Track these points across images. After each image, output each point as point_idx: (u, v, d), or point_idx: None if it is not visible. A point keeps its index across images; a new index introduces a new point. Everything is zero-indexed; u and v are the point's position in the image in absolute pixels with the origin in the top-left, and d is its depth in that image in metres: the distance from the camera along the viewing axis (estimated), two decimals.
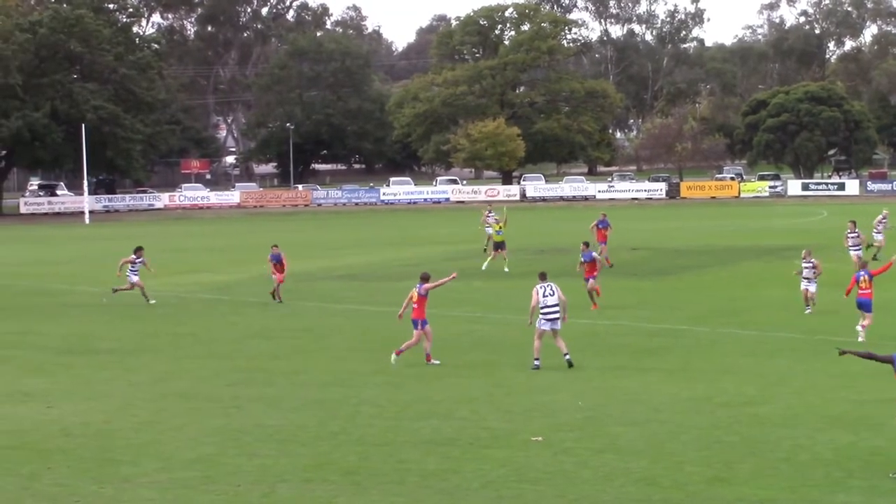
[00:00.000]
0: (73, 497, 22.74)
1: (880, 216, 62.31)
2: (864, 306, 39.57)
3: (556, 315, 34.51)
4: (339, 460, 25.07)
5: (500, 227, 64.51)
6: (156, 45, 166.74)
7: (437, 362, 36.00)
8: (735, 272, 61.86)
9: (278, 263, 52.83)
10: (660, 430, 27.32)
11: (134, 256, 52.62)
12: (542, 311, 34.53)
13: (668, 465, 24.26)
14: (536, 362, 34.51)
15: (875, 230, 61.94)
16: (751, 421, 28.07)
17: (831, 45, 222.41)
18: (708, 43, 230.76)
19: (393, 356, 36.14)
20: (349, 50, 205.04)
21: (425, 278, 36.60)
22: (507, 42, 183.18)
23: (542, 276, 35.28)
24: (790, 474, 23.41)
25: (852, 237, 56.48)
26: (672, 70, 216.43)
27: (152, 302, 52.01)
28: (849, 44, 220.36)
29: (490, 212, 74.72)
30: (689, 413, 28.99)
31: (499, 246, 63.73)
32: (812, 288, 44.32)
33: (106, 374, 35.98)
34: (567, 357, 34.55)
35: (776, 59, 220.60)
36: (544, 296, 34.52)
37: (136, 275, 52.34)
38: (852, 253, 56.04)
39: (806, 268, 44.23)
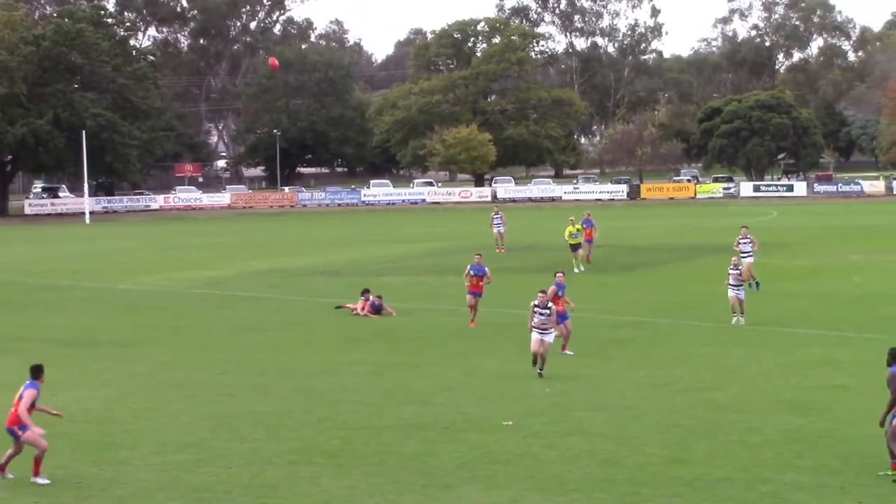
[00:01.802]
0: (74, 479, 22.72)
1: (740, 236, 51.33)
2: None
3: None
4: (324, 444, 25.08)
5: (578, 230, 60.88)
6: (151, 57, 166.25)
7: (571, 353, 35.45)
8: (692, 268, 61.97)
9: (372, 308, 46.58)
10: (622, 414, 27.39)
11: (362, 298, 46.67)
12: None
13: (630, 447, 24.31)
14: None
15: (745, 254, 49.63)
16: (707, 406, 28.16)
17: (780, 56, 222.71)
18: (666, 54, 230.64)
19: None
20: (332, 61, 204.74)
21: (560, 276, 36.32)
22: (479, 54, 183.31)
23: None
24: (743, 455, 23.48)
25: (744, 243, 50.44)
26: (633, 80, 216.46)
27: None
28: (797, 55, 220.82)
29: (497, 213, 74.01)
30: (649, 399, 29.06)
31: (575, 247, 60.41)
32: (741, 295, 40.87)
33: (107, 365, 35.93)
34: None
35: (729, 69, 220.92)
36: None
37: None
38: (746, 260, 48.87)
39: (733, 275, 40.74)
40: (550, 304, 32.27)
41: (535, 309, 31.92)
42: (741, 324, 40.25)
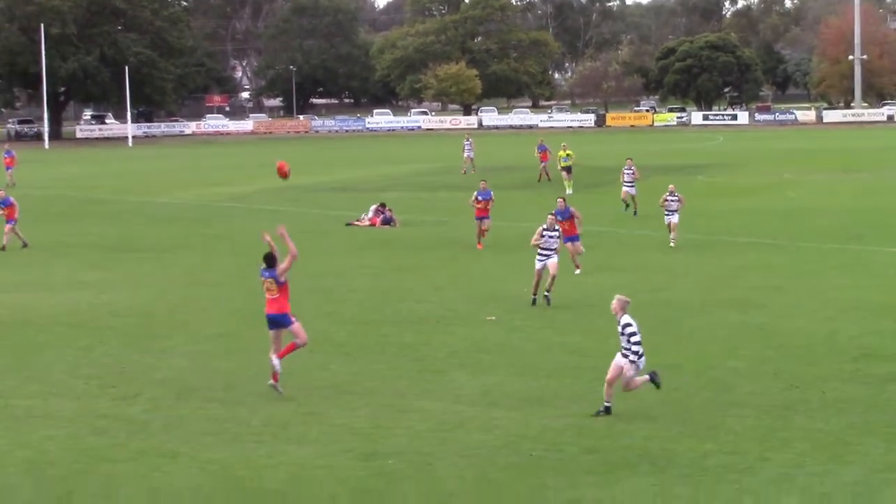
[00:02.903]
0: (120, 365, 22.76)
1: (625, 167, 47.93)
2: None
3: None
4: (333, 335, 25.12)
5: (568, 154, 58.01)
6: (184, 3, 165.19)
7: (579, 272, 32.39)
8: (649, 185, 61.49)
9: (384, 222, 45.81)
10: (588, 311, 27.40)
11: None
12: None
13: (595, 339, 24.35)
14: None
15: (626, 184, 47.74)
16: (661, 304, 28.18)
17: (727, 3, 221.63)
18: (628, 1, 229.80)
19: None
20: (340, 7, 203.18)
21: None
22: (467, 1, 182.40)
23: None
24: (691, 345, 23.56)
25: (628, 173, 47.14)
26: (599, 23, 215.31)
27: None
28: (741, 2, 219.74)
29: (468, 139, 73.35)
30: (611, 298, 29.04)
31: (567, 169, 57.61)
32: (675, 219, 37.83)
33: (147, 268, 35.91)
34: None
35: (683, 14, 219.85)
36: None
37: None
38: (625, 189, 47.26)
39: (671, 201, 37.96)
40: (558, 227, 28.64)
41: (544, 232, 28.08)
42: (672, 245, 37.47)
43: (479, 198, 39.12)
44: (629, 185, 47.26)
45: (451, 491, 15.41)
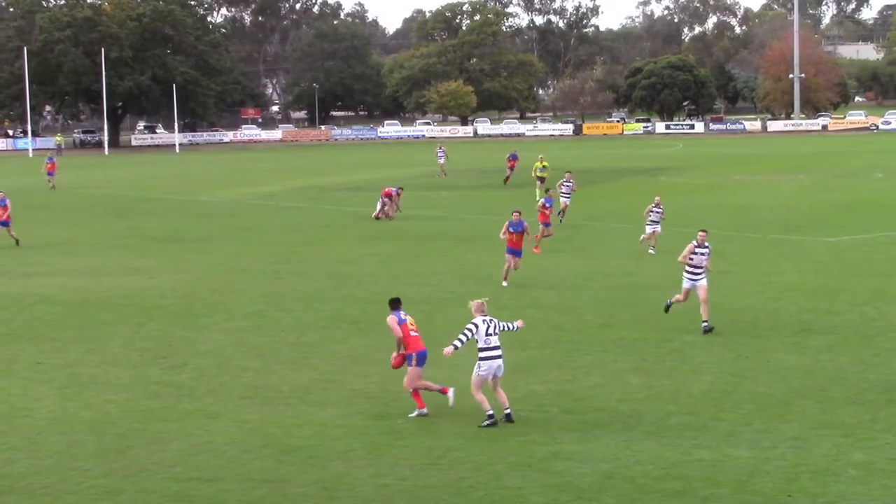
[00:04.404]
0: (167, 339, 22.74)
1: (564, 179, 44.03)
2: None
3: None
4: (348, 314, 25.09)
5: (544, 166, 54.49)
6: (223, 30, 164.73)
7: (505, 284, 28.92)
8: (620, 185, 61.80)
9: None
10: (567, 292, 27.39)
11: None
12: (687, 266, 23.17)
13: (572, 315, 24.35)
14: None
15: (563, 194, 43.26)
16: (629, 286, 28.16)
17: (686, 29, 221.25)
18: (601, 28, 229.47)
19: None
20: (356, 33, 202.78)
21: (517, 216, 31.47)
22: (464, 27, 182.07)
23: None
24: (655, 321, 23.49)
25: (567, 185, 43.36)
26: (577, 47, 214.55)
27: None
28: (697, 29, 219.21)
29: (441, 147, 73.41)
30: (587, 280, 29.06)
31: (541, 179, 53.64)
32: (658, 229, 34.49)
33: (190, 256, 35.87)
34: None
35: (648, 39, 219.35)
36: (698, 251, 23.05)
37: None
38: (562, 199, 42.99)
39: (656, 212, 34.64)
40: (707, 244, 23.08)
41: (696, 249, 22.84)
42: (652, 254, 33.88)
43: (547, 205, 36.04)
44: (566, 196, 43.35)
45: (451, 446, 15.41)
